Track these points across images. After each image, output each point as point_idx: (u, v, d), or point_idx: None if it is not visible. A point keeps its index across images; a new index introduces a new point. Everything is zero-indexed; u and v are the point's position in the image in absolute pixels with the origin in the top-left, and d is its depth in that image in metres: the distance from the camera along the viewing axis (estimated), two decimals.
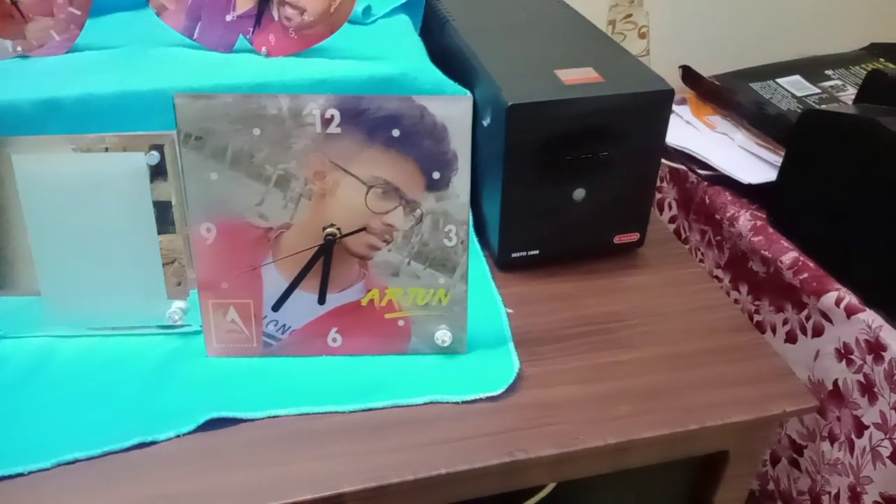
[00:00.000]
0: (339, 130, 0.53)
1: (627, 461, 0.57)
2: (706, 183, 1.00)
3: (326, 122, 0.53)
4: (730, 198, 0.97)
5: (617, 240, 0.71)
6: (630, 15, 1.04)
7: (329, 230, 0.56)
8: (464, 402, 0.56)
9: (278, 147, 0.54)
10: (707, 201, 0.99)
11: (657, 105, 0.64)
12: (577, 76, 0.64)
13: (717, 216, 0.97)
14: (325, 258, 0.57)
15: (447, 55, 0.74)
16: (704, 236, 1.02)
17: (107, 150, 0.56)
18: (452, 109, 0.53)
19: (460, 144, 0.54)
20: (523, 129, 0.62)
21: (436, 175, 0.55)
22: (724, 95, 1.06)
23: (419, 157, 0.54)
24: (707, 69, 1.09)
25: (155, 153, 0.56)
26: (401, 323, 0.59)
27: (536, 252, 0.69)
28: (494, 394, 0.56)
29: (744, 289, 0.95)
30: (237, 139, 0.53)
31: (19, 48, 0.67)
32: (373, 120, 0.53)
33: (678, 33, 1.10)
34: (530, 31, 0.76)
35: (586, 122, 0.63)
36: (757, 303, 0.93)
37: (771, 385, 0.59)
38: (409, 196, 0.56)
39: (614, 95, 0.62)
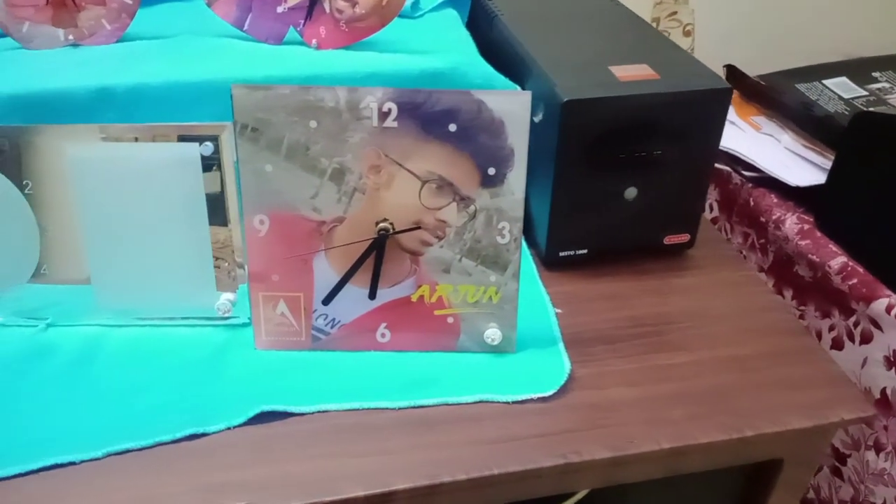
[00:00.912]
0: (395, 124, 0.53)
1: (680, 466, 0.56)
2: (751, 185, 0.99)
3: (383, 115, 0.53)
4: (775, 200, 0.95)
5: (667, 240, 0.69)
6: (675, 12, 1.02)
7: (382, 225, 0.56)
8: (514, 402, 0.55)
9: (334, 140, 0.53)
10: (751, 203, 0.97)
11: (714, 103, 0.63)
12: (633, 72, 0.63)
13: (762, 219, 0.95)
14: (378, 253, 0.56)
15: (495, 50, 0.73)
16: (747, 239, 1.00)
17: (136, 139, 0.55)
18: (511, 104, 0.52)
19: (517, 140, 0.53)
20: (577, 125, 0.61)
21: (491, 171, 0.54)
22: (769, 96, 1.04)
23: (475, 153, 0.54)
24: (752, 69, 1.07)
25: (209, 143, 0.55)
26: (450, 320, 0.59)
27: (584, 251, 0.68)
28: (546, 394, 0.56)
29: (788, 293, 0.93)
30: (293, 131, 0.53)
31: (71, 37, 0.67)
32: (430, 114, 0.52)
33: (723, 31, 1.08)
34: (580, 26, 0.75)
35: (641, 119, 0.62)
36: (802, 308, 0.91)
37: (828, 391, 0.57)
38: (464, 192, 0.55)
39: (671, 93, 0.61)
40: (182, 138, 0.56)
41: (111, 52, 0.65)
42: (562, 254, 0.68)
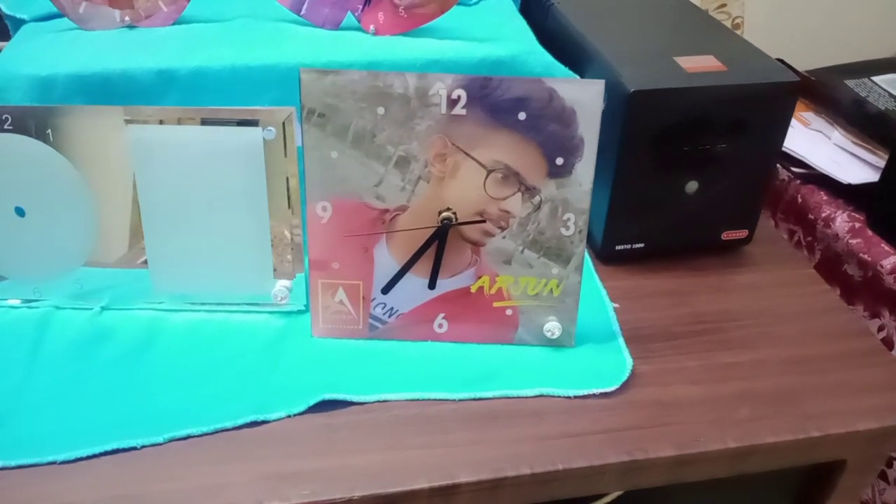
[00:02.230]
0: (463, 112, 0.52)
1: (745, 466, 0.55)
2: (799, 181, 0.97)
3: (452, 102, 0.52)
4: (825, 198, 0.93)
5: (725, 236, 0.68)
6: (724, 4, 1.00)
7: (445, 214, 0.55)
8: (576, 397, 0.54)
9: (401, 127, 0.52)
10: (799, 200, 0.96)
11: (782, 97, 0.61)
12: (699, 64, 0.62)
13: (811, 216, 0.94)
14: (440, 243, 0.55)
15: (552, 39, 0.72)
16: (794, 236, 0.98)
17: (161, 122, 0.55)
18: (583, 93, 0.51)
19: (588, 130, 0.52)
20: (643, 116, 0.59)
21: (559, 161, 0.53)
22: (819, 92, 1.02)
23: (543, 142, 0.53)
24: (801, 64, 1.05)
25: (271, 128, 0.55)
26: (509, 312, 0.58)
27: (641, 245, 0.67)
28: (608, 390, 0.55)
29: (835, 292, 0.91)
30: (361, 118, 0.52)
31: (127, 18, 0.66)
32: (499, 102, 0.51)
33: (772, 25, 1.06)
34: (638, 15, 0.74)
35: (708, 112, 0.60)
36: (850, 307, 0.89)
37: (894, 393, 0.56)
38: (529, 182, 0.54)
39: (740, 85, 0.60)
40: (242, 122, 0.55)
41: (169, 35, 0.65)
42: (618, 248, 0.66)
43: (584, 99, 0.51)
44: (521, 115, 0.52)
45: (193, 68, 0.60)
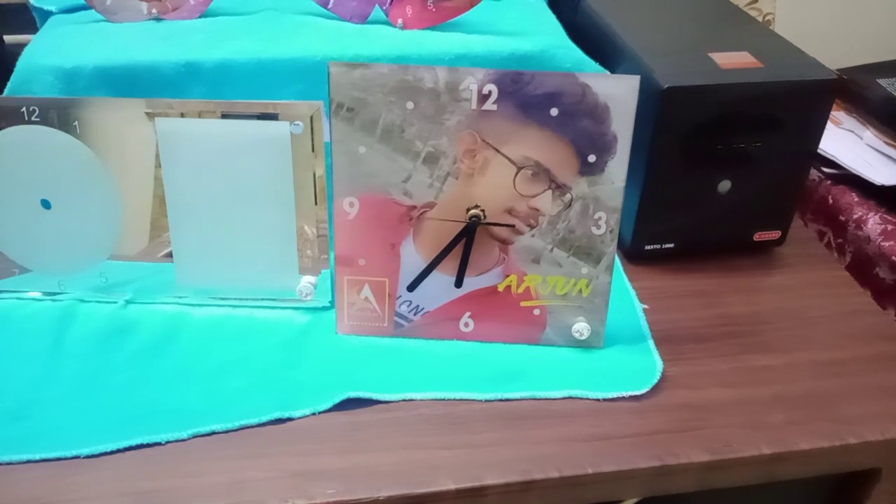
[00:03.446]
0: (494, 107, 0.51)
1: (777, 473, 0.54)
2: (829, 181, 0.95)
3: (483, 98, 0.51)
4: (856, 199, 0.91)
5: (757, 237, 0.67)
6: (755, 0, 0.99)
7: (473, 211, 0.54)
8: (605, 400, 0.53)
9: (431, 122, 0.51)
10: (830, 201, 0.94)
11: (820, 94, 0.60)
12: (734, 60, 0.60)
13: (842, 217, 0.92)
14: (467, 240, 0.55)
15: (581, 34, 0.71)
16: (823, 237, 0.96)
17: (182, 115, 0.54)
18: (617, 88, 0.50)
19: (622, 126, 0.51)
20: (676, 113, 0.58)
21: (591, 158, 0.52)
22: (851, 90, 1.00)
23: (575, 139, 0.51)
24: (832, 62, 1.03)
25: (299, 123, 0.54)
26: (536, 312, 0.57)
27: (671, 245, 0.65)
28: (638, 393, 0.54)
29: (867, 295, 0.89)
30: (390, 112, 0.51)
31: (154, 10, 0.66)
32: (531, 97, 0.50)
33: (804, 23, 1.04)
34: (670, 10, 0.72)
35: (743, 109, 0.59)
36: (884, 311, 0.87)
37: None
38: (560, 179, 0.53)
39: (777, 82, 0.58)
40: (262, 116, 0.54)
41: (195, 27, 0.64)
42: (647, 247, 0.65)
43: (619, 95, 0.50)
44: (553, 111, 0.51)
45: (219, 61, 0.60)
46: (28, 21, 0.71)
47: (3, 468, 0.48)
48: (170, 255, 0.59)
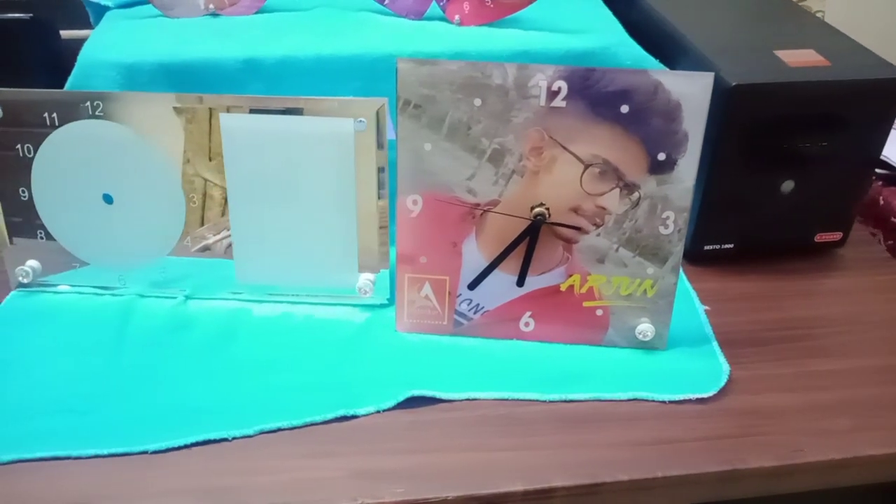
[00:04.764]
0: (563, 104, 0.50)
1: (842, 479, 0.53)
2: (881, 182, 0.93)
3: (552, 94, 0.50)
4: None
5: (818, 238, 0.65)
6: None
7: (538, 210, 0.53)
8: (670, 403, 0.53)
9: (497, 120, 0.51)
10: (881, 202, 0.92)
11: (887, 94, 0.59)
12: (801, 58, 0.59)
13: (894, 219, 0.90)
14: (531, 239, 0.54)
15: (639, 31, 0.70)
16: (873, 239, 0.94)
17: (211, 110, 0.54)
18: (690, 86, 0.49)
19: (694, 124, 0.50)
20: (743, 112, 0.57)
21: (661, 156, 0.51)
22: None
23: (646, 137, 0.51)
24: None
25: (363, 119, 0.54)
26: (599, 312, 0.56)
27: (731, 246, 0.64)
28: (704, 396, 0.53)
29: None
30: (457, 109, 0.51)
31: (211, 5, 0.66)
32: (601, 94, 0.50)
33: (855, 21, 1.02)
34: (727, 6, 0.71)
35: (810, 108, 0.58)
36: None
37: None
38: (629, 178, 0.52)
39: (844, 81, 0.57)
40: (288, 111, 0.53)
41: (253, 23, 0.64)
42: (706, 248, 0.64)
43: (691, 92, 0.49)
44: (624, 109, 0.50)
45: (279, 57, 0.60)
46: (83, 16, 0.72)
47: (69, 463, 0.48)
48: (204, 250, 0.59)
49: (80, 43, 0.63)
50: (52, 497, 0.46)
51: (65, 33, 0.75)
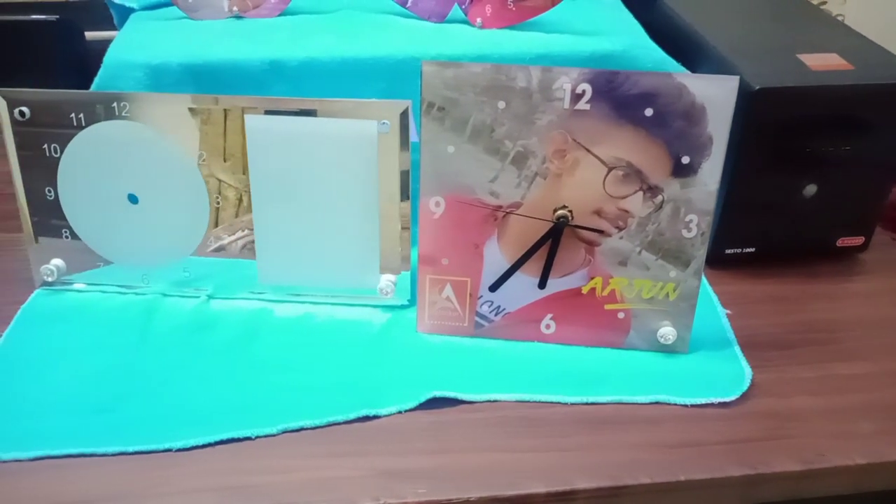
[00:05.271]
0: (587, 107, 0.50)
1: (866, 484, 0.52)
2: None
3: (576, 97, 0.50)
4: None
5: (840, 242, 0.65)
6: (825, 1, 0.97)
7: (560, 212, 0.53)
8: (693, 406, 0.53)
9: (521, 122, 0.51)
10: None
11: None
12: (824, 62, 0.59)
13: None
14: (553, 241, 0.54)
15: (660, 33, 0.70)
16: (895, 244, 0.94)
17: (226, 111, 0.55)
18: (715, 89, 0.49)
19: (718, 128, 0.50)
20: (766, 115, 0.57)
21: (685, 160, 0.51)
22: None
23: (670, 140, 0.51)
24: None
25: (386, 121, 0.54)
26: (621, 315, 0.56)
27: (752, 249, 0.64)
28: (727, 399, 0.53)
29: None
30: (480, 112, 0.51)
31: (235, 8, 0.66)
32: (626, 97, 0.50)
33: (874, 24, 1.01)
34: (749, 9, 0.71)
35: (834, 112, 0.58)
36: None
37: None
38: (652, 181, 0.52)
39: (868, 85, 0.57)
40: (301, 112, 0.54)
41: (277, 25, 0.65)
42: (728, 251, 0.64)
43: (716, 96, 0.49)
44: (648, 111, 0.50)
45: (303, 59, 0.60)
46: (108, 18, 0.72)
47: (94, 460, 0.48)
48: (219, 250, 0.60)
49: (105, 44, 0.64)
50: (76, 493, 0.46)
51: (90, 35, 0.76)
